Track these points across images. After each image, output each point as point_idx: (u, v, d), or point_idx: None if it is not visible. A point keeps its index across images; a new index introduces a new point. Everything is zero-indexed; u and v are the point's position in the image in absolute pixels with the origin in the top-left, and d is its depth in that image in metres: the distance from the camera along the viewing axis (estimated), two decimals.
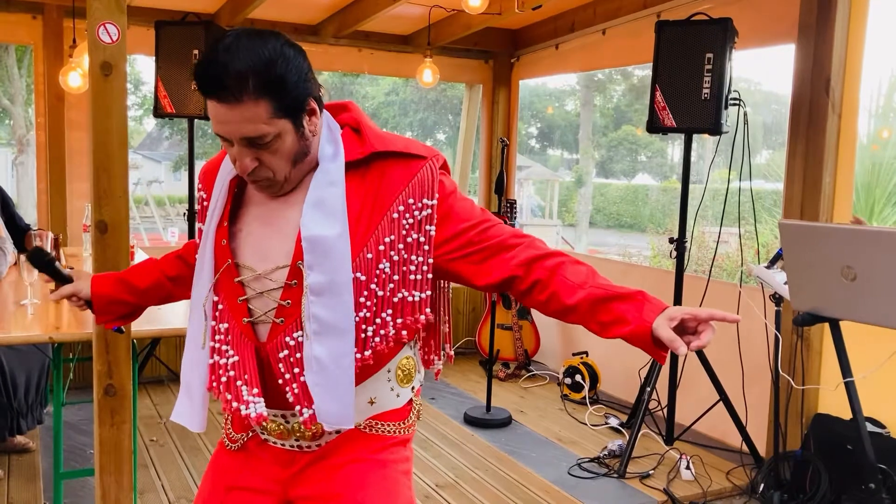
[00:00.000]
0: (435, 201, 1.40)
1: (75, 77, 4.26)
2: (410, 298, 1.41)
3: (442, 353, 1.61)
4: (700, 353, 3.76)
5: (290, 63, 1.30)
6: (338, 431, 1.47)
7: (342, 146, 1.40)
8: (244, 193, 1.48)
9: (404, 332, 1.42)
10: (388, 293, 1.40)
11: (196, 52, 4.28)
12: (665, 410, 4.05)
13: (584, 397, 4.70)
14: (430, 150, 1.44)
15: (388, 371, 1.49)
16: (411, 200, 1.39)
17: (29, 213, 4.28)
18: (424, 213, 1.39)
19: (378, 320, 1.40)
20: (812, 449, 3.34)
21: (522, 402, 4.76)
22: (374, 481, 1.47)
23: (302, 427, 1.44)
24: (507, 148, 4.85)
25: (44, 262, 1.69)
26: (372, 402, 1.48)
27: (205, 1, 4.76)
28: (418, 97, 26.22)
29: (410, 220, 1.39)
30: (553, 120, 28.01)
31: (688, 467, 3.64)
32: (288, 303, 1.38)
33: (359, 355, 1.38)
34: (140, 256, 4.34)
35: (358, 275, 1.37)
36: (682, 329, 1.30)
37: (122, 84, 2.39)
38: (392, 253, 1.39)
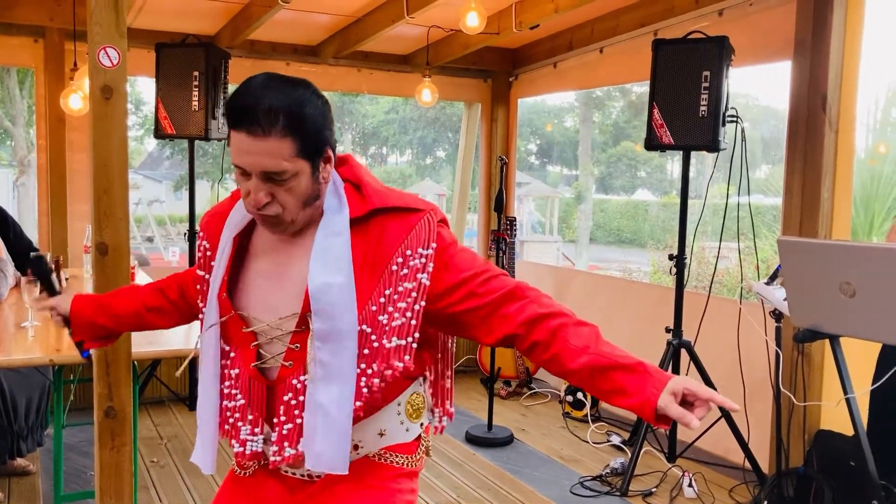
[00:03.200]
0: (430, 251, 1.41)
1: (76, 99, 4.29)
2: (388, 344, 1.41)
3: (440, 409, 1.64)
4: (701, 370, 3.75)
5: (317, 110, 1.38)
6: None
7: (346, 200, 1.45)
8: (247, 247, 1.53)
9: (387, 373, 1.42)
10: (383, 344, 1.42)
11: (196, 73, 4.31)
12: (667, 428, 4.03)
13: (586, 415, 4.68)
14: (428, 205, 1.47)
15: (398, 405, 1.53)
16: (409, 252, 1.41)
17: (30, 234, 4.26)
18: (419, 261, 1.41)
19: (370, 370, 1.42)
20: (815, 465, 3.33)
21: (524, 421, 4.74)
22: None
23: None
24: (506, 166, 4.87)
25: (42, 271, 1.78)
26: (382, 434, 1.52)
27: (205, 23, 4.80)
28: (418, 115, 26.33)
29: (406, 271, 1.41)
30: (552, 137, 28.11)
31: (690, 485, 3.62)
32: (297, 346, 1.44)
33: (358, 403, 1.42)
34: (140, 277, 4.34)
35: (364, 327, 1.40)
36: (682, 402, 1.31)
37: (122, 107, 2.41)
38: (391, 307, 1.41)
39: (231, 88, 4.58)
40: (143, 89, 22.41)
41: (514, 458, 4.11)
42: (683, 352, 3.82)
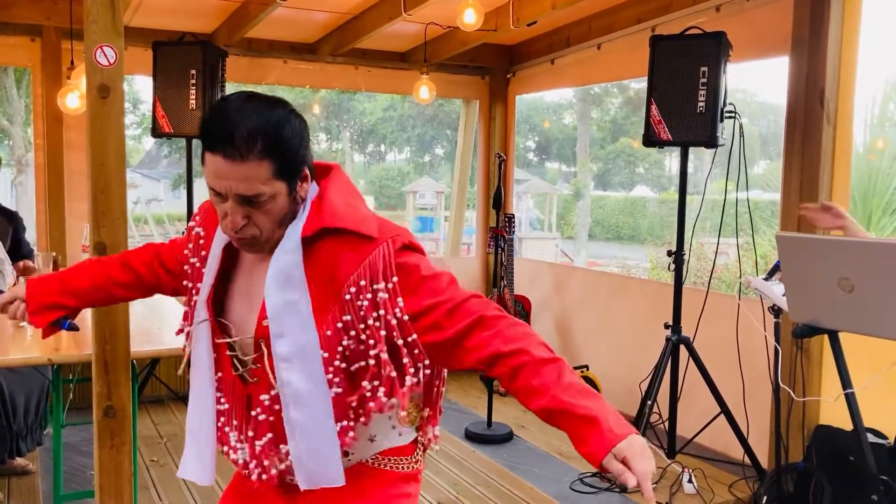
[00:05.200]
0: (389, 285, 1.37)
1: (73, 98, 4.28)
2: (370, 386, 1.41)
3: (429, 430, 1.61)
4: (700, 366, 3.75)
5: (294, 130, 1.36)
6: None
7: (306, 216, 1.42)
8: (237, 256, 1.52)
9: (371, 406, 1.42)
10: (349, 376, 1.41)
11: (193, 71, 4.31)
12: (666, 424, 4.03)
13: None
14: (388, 232, 1.41)
15: (391, 409, 1.49)
16: (363, 283, 1.37)
17: (28, 233, 4.27)
18: (381, 296, 1.37)
19: (349, 398, 1.41)
20: (814, 461, 3.33)
21: (523, 417, 4.74)
22: None
23: None
24: (505, 163, 4.87)
25: None
26: (372, 440, 1.51)
27: (202, 21, 4.79)
28: (416, 112, 26.31)
29: (365, 303, 1.37)
30: (550, 133, 28.10)
31: (690, 480, 3.62)
32: (258, 366, 1.44)
33: (351, 423, 1.42)
34: None
35: (321, 352, 1.39)
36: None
37: (119, 106, 2.41)
38: (354, 333, 1.39)
39: (228, 87, 4.58)
40: (140, 88, 22.39)
41: (513, 454, 4.11)
42: (682, 348, 3.82)
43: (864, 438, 2.60)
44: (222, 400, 1.51)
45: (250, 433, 1.46)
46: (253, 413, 1.45)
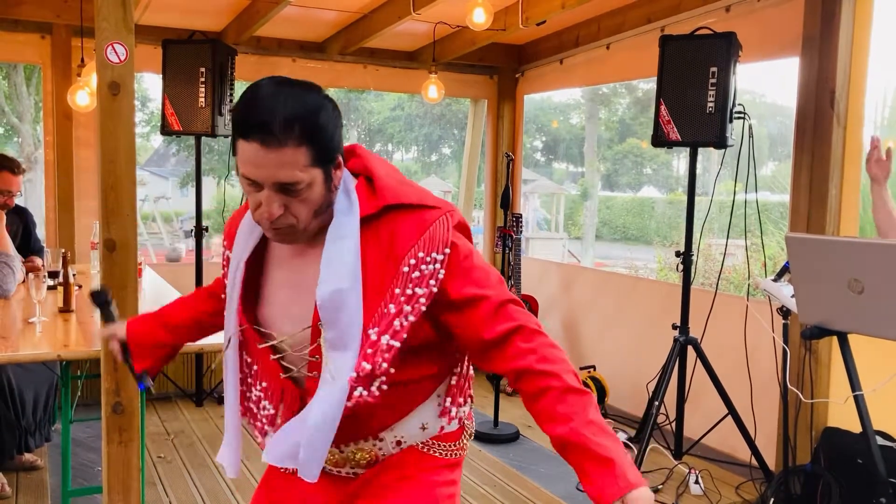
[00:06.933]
0: (443, 256, 1.34)
1: (83, 96, 4.29)
2: (384, 340, 1.35)
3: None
4: (708, 367, 3.74)
5: (329, 115, 1.32)
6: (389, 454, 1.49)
7: (356, 199, 1.38)
8: (265, 256, 1.48)
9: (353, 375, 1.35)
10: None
11: (203, 69, 4.32)
12: (673, 424, 4.02)
13: None
14: (445, 204, 1.40)
15: (438, 396, 1.51)
16: (421, 254, 1.34)
17: (37, 229, 4.30)
18: (432, 266, 1.34)
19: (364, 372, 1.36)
20: (822, 463, 3.32)
21: (530, 417, 4.73)
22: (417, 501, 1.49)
23: (357, 455, 1.48)
24: (512, 162, 4.86)
25: (102, 301, 1.76)
26: (424, 428, 1.50)
27: (211, 19, 4.80)
28: (423, 112, 26.30)
29: (417, 274, 1.34)
30: (558, 133, 28.06)
31: (697, 482, 3.62)
32: (317, 358, 1.40)
33: (349, 403, 1.36)
34: (148, 273, 4.35)
35: (374, 330, 1.35)
36: None
37: (129, 103, 2.42)
38: (404, 307, 1.35)
39: (237, 85, 4.59)
40: (149, 86, 22.43)
41: (520, 454, 4.11)
42: (690, 349, 3.81)
43: (873, 441, 2.59)
44: (267, 406, 1.48)
45: None
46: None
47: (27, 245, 4.05)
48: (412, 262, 1.34)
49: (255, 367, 1.49)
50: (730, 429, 3.76)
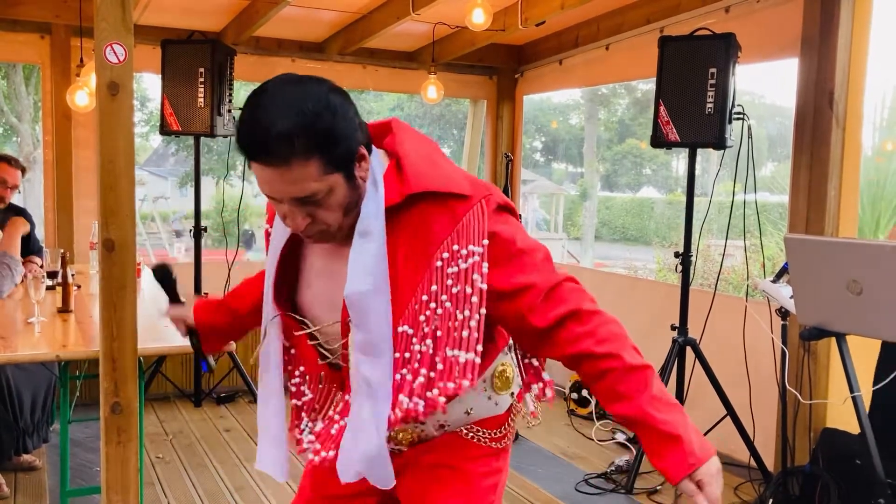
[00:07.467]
0: (482, 248, 1.27)
1: (82, 96, 4.29)
2: (453, 356, 1.28)
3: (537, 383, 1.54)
4: (707, 368, 3.74)
5: (336, 113, 1.21)
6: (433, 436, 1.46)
7: (382, 189, 1.29)
8: (301, 241, 1.43)
9: (441, 400, 1.30)
10: (429, 349, 1.30)
11: (202, 70, 4.32)
12: None
13: (591, 412, 4.68)
14: (481, 190, 1.31)
15: (484, 381, 1.46)
16: (456, 247, 1.26)
17: (36, 229, 4.30)
18: (471, 260, 1.26)
19: (421, 379, 1.30)
20: (821, 464, 3.32)
21: (528, 418, 4.74)
22: (457, 494, 1.47)
23: (399, 435, 1.45)
24: (512, 163, 4.86)
25: (166, 279, 1.72)
26: (468, 413, 1.46)
27: (211, 19, 4.80)
28: (423, 112, 26.29)
29: (455, 269, 1.27)
30: (557, 134, 28.06)
31: None
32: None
33: (392, 415, 1.31)
34: (147, 273, 4.35)
35: (406, 328, 1.30)
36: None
37: (129, 103, 2.41)
38: (434, 305, 1.28)
39: (237, 85, 4.59)
40: (148, 86, 22.41)
41: (518, 455, 4.10)
42: (689, 349, 3.81)
43: (872, 442, 2.59)
44: (306, 391, 1.46)
45: (336, 415, 1.42)
46: (347, 397, 1.39)
47: (26, 245, 4.04)
48: (445, 255, 1.27)
49: (292, 351, 1.48)
50: (728, 429, 3.76)
